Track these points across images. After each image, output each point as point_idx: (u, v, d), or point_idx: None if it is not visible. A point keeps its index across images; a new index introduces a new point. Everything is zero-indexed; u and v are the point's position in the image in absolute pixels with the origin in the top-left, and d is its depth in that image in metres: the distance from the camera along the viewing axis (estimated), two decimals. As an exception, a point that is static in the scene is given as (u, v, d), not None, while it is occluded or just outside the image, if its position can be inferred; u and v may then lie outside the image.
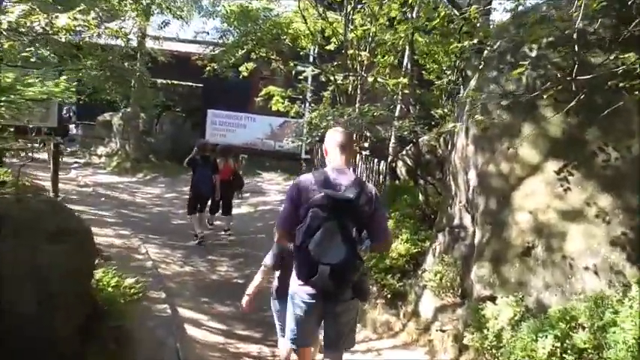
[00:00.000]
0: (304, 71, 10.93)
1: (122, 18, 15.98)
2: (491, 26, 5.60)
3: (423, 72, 8.12)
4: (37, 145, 17.19)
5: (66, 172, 15.63)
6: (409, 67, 7.19)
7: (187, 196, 8.65)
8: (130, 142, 16.32)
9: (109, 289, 3.77)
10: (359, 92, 7.97)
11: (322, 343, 3.22)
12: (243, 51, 10.12)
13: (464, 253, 4.87)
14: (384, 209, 3.08)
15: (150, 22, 15.23)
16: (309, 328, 3.03)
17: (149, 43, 15.82)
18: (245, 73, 11.07)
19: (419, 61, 8.31)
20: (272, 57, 10.66)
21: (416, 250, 5.53)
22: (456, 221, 5.07)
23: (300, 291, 2.92)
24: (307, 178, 2.94)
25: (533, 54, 4.36)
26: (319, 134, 7.22)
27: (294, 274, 2.93)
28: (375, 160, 10.98)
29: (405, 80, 6.96)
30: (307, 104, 10.71)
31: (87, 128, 19.45)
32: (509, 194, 4.21)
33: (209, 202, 8.61)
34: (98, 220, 9.22)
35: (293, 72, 11.20)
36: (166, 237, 8.73)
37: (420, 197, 6.98)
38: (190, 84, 17.53)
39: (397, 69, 7.63)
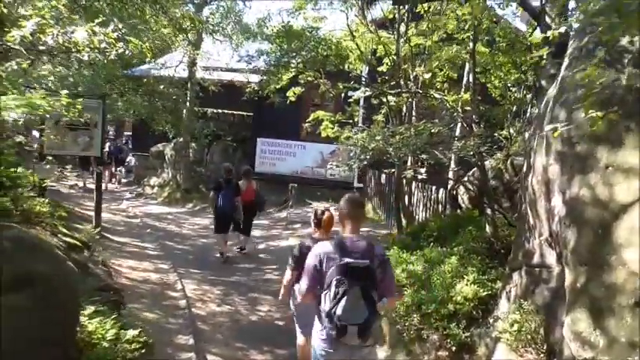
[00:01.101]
0: (354, 94, 10.28)
1: (173, 49, 16.22)
2: (574, 18, 4.70)
3: (488, 87, 7.22)
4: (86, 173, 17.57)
5: (118, 202, 15.76)
6: (471, 81, 6.33)
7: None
8: (180, 172, 16.23)
9: (105, 343, 3.12)
10: (414, 112, 7.19)
11: None
12: (290, 74, 9.62)
13: (548, 298, 3.91)
14: (391, 268, 3.37)
15: (200, 51, 15.25)
16: None
17: (199, 73, 15.84)
18: (292, 98, 10.58)
19: (482, 76, 7.44)
20: (320, 80, 10.10)
21: (485, 292, 4.59)
22: (536, 259, 4.13)
23: (329, 344, 3.20)
24: (326, 246, 3.24)
25: (636, 47, 3.47)
26: (367, 157, 6.49)
27: (317, 327, 3.26)
28: (433, 188, 10.07)
29: (467, 95, 6.13)
30: (358, 128, 10.05)
31: (141, 159, 19.69)
32: (611, 225, 3.26)
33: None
34: (139, 253, 8.85)
35: (342, 95, 10.60)
36: (208, 271, 8.18)
37: (488, 229, 6.03)
38: (241, 113, 17.43)
39: (457, 85, 6.82)
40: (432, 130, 5.50)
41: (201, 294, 6.90)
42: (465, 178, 9.24)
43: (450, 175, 9.07)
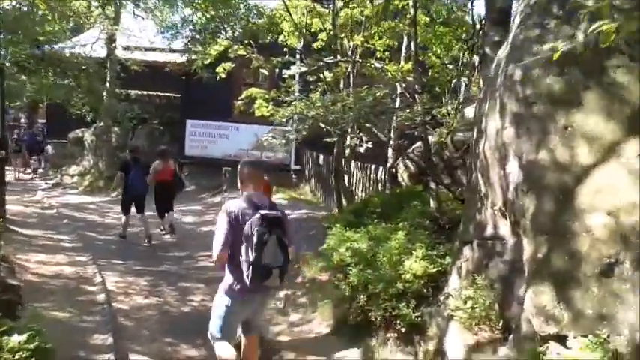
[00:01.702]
0: (290, 70, 9.76)
1: (89, 25, 14.87)
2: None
3: (426, 62, 6.97)
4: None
5: (32, 194, 14.40)
6: (412, 49, 6.01)
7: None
8: (102, 158, 15.05)
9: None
10: (351, 87, 6.82)
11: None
12: (219, 47, 8.96)
13: (503, 272, 3.67)
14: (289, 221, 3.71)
15: (119, 27, 14.07)
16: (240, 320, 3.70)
17: (120, 52, 14.67)
18: (222, 75, 9.94)
19: (422, 53, 7.17)
20: (252, 54, 9.49)
21: (435, 269, 4.31)
22: (489, 231, 3.88)
23: (240, 293, 3.51)
24: (238, 203, 3.54)
25: (590, 2, 3.23)
26: (306, 127, 6.07)
27: (229, 280, 3.54)
28: (373, 167, 9.85)
29: (409, 65, 5.82)
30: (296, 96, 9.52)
31: (58, 147, 18.15)
32: (573, 190, 3.03)
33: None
34: (52, 246, 7.96)
35: (277, 71, 10.07)
36: (133, 262, 7.46)
37: (432, 204, 5.80)
38: (168, 94, 16.42)
39: (397, 54, 6.52)
40: (377, 94, 5.13)
41: (124, 286, 6.22)
42: (405, 156, 9.07)
43: (390, 153, 8.86)
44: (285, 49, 9.52)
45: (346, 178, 9.83)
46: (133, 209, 8.75)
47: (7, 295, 3.58)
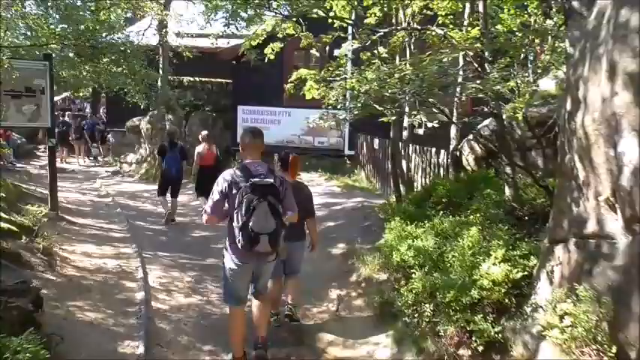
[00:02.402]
0: (341, 48, 9.04)
1: (141, 13, 14.76)
2: None
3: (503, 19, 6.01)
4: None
5: (92, 181, 14.58)
6: (481, 11, 5.10)
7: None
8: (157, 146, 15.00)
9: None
10: (408, 56, 6.01)
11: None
12: (266, 26, 8.37)
13: (613, 281, 2.85)
14: (290, 189, 3.86)
15: (170, 11, 13.84)
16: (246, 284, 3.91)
17: (172, 38, 14.50)
18: (271, 56, 9.36)
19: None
20: (301, 32, 8.86)
21: (519, 273, 3.51)
22: (591, 227, 3.05)
23: (237, 256, 3.74)
24: (231, 172, 3.74)
25: None
26: (359, 105, 5.39)
27: (228, 245, 3.79)
28: (433, 150, 9.02)
29: (475, 31, 4.96)
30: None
31: (118, 135, 18.42)
32: None
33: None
34: (100, 236, 7.73)
35: (327, 50, 9.39)
36: (180, 253, 7.10)
37: (507, 192, 4.94)
38: (220, 80, 16.15)
39: (460, 17, 5.64)
40: (443, 59, 4.32)
41: (167, 282, 5.82)
42: (470, 137, 8.17)
43: (453, 133, 8.00)
44: (335, 27, 8.84)
45: (404, 163, 9.06)
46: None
47: (22, 300, 3.18)
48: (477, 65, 4.82)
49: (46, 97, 7.68)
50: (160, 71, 14.30)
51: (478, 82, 4.48)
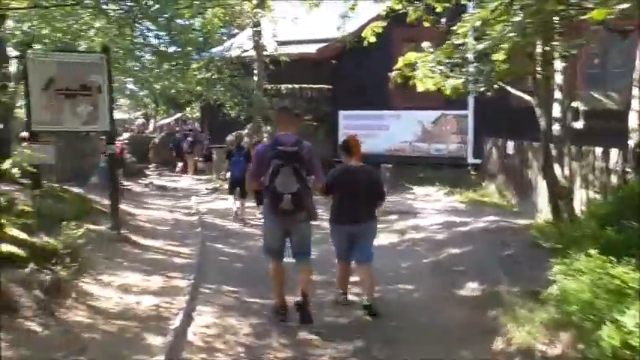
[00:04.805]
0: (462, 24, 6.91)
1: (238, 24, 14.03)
2: None
3: None
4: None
5: (188, 199, 13.76)
6: None
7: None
8: (255, 160, 13.89)
9: None
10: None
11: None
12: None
13: None
14: (316, 159, 4.37)
15: (267, 11, 12.70)
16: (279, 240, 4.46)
17: (267, 42, 13.39)
18: (372, 39, 7.53)
19: None
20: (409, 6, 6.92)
21: None
22: None
23: (270, 213, 4.36)
24: (266, 144, 4.94)
25: None
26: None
27: (263, 205, 4.57)
28: (598, 151, 6.56)
29: None
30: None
31: (220, 151, 17.80)
32: None
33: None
34: (158, 262, 6.31)
35: (442, 23, 7.32)
36: (250, 288, 5.38)
37: None
38: (320, 86, 14.69)
39: None
40: None
41: (214, 335, 4.06)
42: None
43: (633, 123, 5.59)
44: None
45: (556, 168, 6.58)
46: None
47: None
48: None
49: (103, 95, 6.52)
50: (256, 78, 13.18)
51: None
